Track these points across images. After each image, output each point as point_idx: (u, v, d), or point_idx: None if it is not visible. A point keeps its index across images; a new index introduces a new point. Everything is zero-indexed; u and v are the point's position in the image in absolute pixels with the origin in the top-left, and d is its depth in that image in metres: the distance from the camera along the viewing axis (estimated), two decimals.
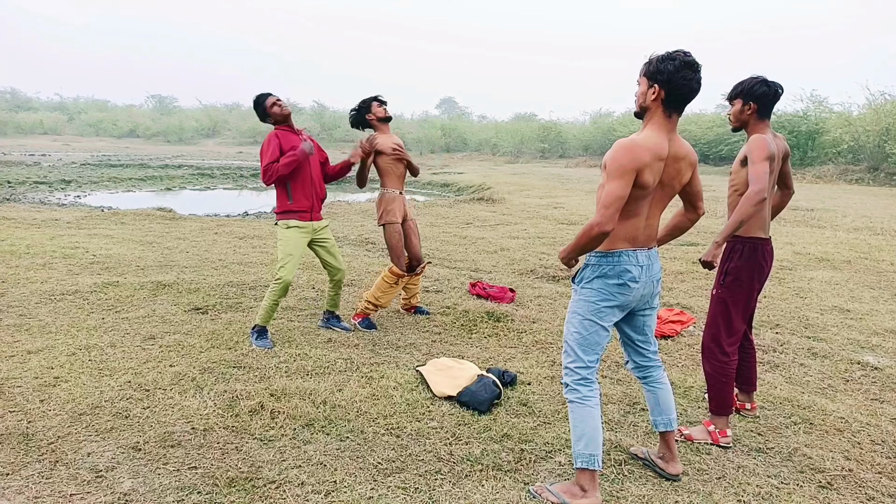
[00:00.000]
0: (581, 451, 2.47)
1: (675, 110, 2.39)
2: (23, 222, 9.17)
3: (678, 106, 2.39)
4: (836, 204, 13.37)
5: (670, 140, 2.40)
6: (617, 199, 2.27)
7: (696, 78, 2.34)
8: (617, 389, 3.69)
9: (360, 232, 9.25)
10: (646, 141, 2.34)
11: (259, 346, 4.11)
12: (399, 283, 4.76)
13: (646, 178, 2.33)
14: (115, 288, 5.44)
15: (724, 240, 2.97)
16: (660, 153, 2.35)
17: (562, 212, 12.16)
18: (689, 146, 2.52)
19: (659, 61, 2.35)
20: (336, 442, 2.95)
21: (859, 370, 4.13)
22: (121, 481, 2.55)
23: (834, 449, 3.04)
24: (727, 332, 3.09)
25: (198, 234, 8.85)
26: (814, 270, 7.12)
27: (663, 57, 2.35)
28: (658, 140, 2.36)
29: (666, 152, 2.37)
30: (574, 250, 2.44)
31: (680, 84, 2.32)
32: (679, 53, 2.34)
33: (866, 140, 20.41)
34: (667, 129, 2.39)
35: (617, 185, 2.27)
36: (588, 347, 2.50)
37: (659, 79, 2.34)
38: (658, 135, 2.37)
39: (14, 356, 3.82)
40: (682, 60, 2.32)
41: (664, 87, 2.34)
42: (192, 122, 55.36)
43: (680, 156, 2.45)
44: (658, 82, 2.35)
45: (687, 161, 2.49)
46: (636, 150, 2.30)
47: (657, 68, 2.35)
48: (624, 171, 2.28)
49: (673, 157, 2.42)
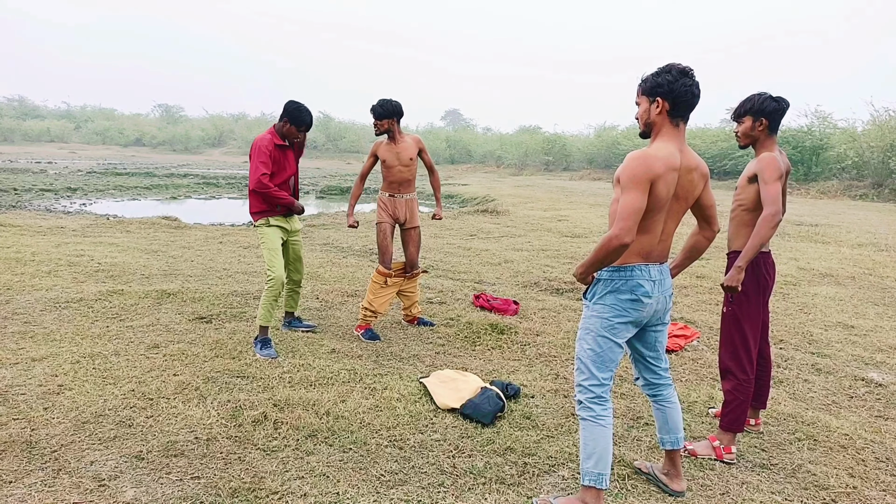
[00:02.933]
0: (590, 469, 2.45)
1: (681, 119, 2.41)
2: (28, 229, 9.22)
3: (683, 114, 2.41)
4: (840, 219, 13.36)
5: (682, 151, 2.40)
6: (635, 210, 2.26)
7: (695, 83, 2.38)
8: (621, 404, 3.68)
9: (364, 243, 9.27)
10: (658, 152, 2.35)
11: (264, 356, 4.12)
12: (388, 283, 4.78)
13: (660, 189, 2.33)
14: (120, 296, 5.46)
15: (747, 263, 2.93)
16: (673, 164, 2.35)
17: (566, 224, 12.16)
18: (700, 158, 2.51)
19: (655, 76, 2.40)
20: (339, 453, 2.95)
21: (863, 387, 4.11)
22: (124, 490, 2.56)
23: (838, 466, 3.02)
24: (744, 349, 3.08)
25: (203, 243, 8.88)
26: (818, 286, 7.10)
27: (658, 71, 2.40)
28: (670, 151, 2.36)
29: (679, 163, 2.37)
30: (592, 265, 2.39)
31: (682, 91, 2.35)
32: (673, 65, 2.38)
33: (871, 156, 20.40)
34: (676, 140, 2.40)
35: (633, 196, 2.26)
36: (602, 364, 2.48)
37: (660, 91, 2.37)
38: (669, 146, 2.38)
39: (18, 363, 3.83)
40: (677, 70, 2.36)
41: (667, 99, 2.37)
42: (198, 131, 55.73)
43: (692, 166, 2.44)
44: (660, 95, 2.38)
45: (699, 172, 2.48)
46: (649, 161, 2.30)
47: (655, 82, 2.39)
48: (639, 181, 2.27)
49: (686, 168, 2.41)
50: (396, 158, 4.72)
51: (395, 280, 4.82)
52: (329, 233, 10.29)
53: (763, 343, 3.28)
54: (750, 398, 3.10)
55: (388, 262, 4.78)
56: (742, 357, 3.08)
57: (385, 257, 4.76)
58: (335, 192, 20.94)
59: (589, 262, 2.40)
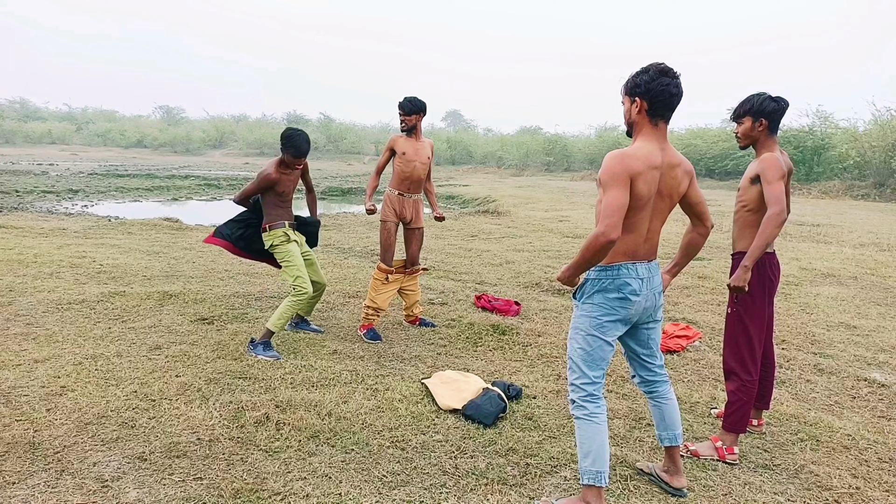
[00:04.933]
0: (588, 468, 2.46)
1: (660, 118, 2.43)
2: (30, 231, 9.23)
3: (663, 114, 2.43)
4: (842, 219, 13.35)
5: (662, 150, 2.43)
6: (618, 206, 2.28)
7: (673, 83, 2.39)
8: (622, 404, 3.68)
9: (366, 244, 9.27)
10: (635, 151, 2.38)
11: (266, 357, 4.12)
12: (389, 280, 4.79)
13: (640, 187, 2.35)
14: (122, 297, 5.47)
15: (753, 263, 2.93)
16: (652, 162, 2.37)
17: (567, 225, 12.17)
18: (682, 156, 2.54)
19: (634, 76, 2.44)
20: (341, 454, 2.95)
21: (866, 387, 4.11)
22: (126, 491, 2.56)
23: (841, 466, 3.02)
24: (749, 350, 3.08)
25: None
26: (820, 286, 7.10)
27: (638, 72, 2.44)
28: (648, 150, 2.39)
29: (659, 161, 2.40)
30: (580, 266, 2.39)
31: (658, 91, 2.37)
32: (652, 65, 2.41)
33: (872, 156, 20.39)
34: (656, 139, 2.42)
35: (615, 193, 2.29)
36: (592, 363, 2.50)
37: (638, 91, 2.41)
38: (648, 145, 2.41)
39: (21, 365, 3.83)
40: (655, 69, 2.39)
41: (645, 98, 2.40)
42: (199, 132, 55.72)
43: (674, 163, 2.47)
44: (638, 95, 2.41)
45: (682, 169, 2.50)
46: (625, 159, 2.34)
47: (634, 83, 2.43)
48: (617, 179, 2.30)
49: (668, 166, 2.44)
50: (416, 154, 4.78)
51: (395, 277, 4.84)
52: (330, 234, 10.29)
53: (767, 344, 3.28)
54: (753, 399, 3.10)
55: (389, 259, 4.80)
56: (746, 358, 3.08)
57: (387, 255, 4.79)
58: (336, 193, 20.96)
59: (576, 264, 2.40)
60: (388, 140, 4.88)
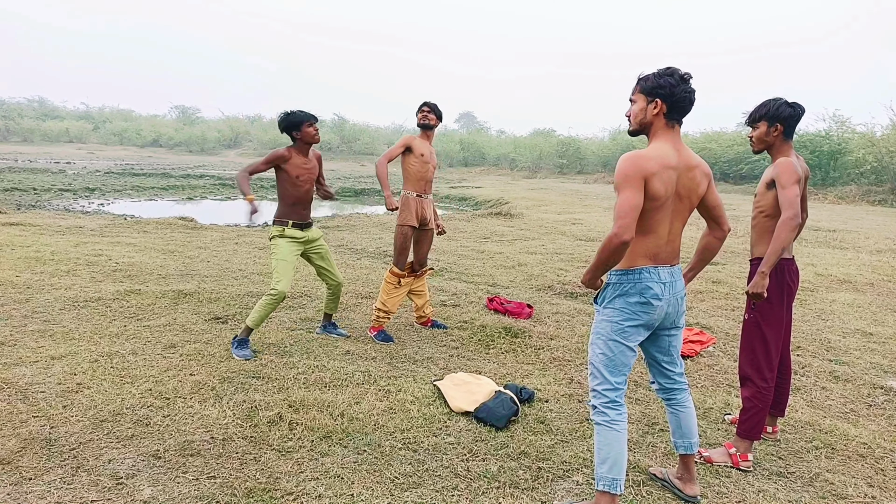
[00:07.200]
0: (604, 475, 2.45)
1: (676, 121, 2.45)
2: (48, 229, 9.34)
3: (679, 117, 2.44)
4: (858, 225, 13.20)
5: (678, 150, 2.42)
6: (631, 207, 2.28)
7: (693, 91, 2.42)
8: (636, 409, 3.66)
9: (379, 244, 9.29)
10: (650, 152, 2.38)
11: (239, 356, 4.11)
12: (402, 283, 4.81)
13: (656, 187, 2.34)
14: (138, 296, 5.52)
15: (770, 268, 2.91)
16: (668, 162, 2.37)
17: (580, 228, 12.13)
18: (700, 157, 2.53)
19: (657, 76, 2.42)
20: (353, 455, 2.96)
21: (882, 395, 4.06)
22: (141, 489, 2.58)
23: (856, 475, 2.99)
24: (765, 356, 3.05)
25: (219, 243, 8.95)
26: (836, 292, 7.03)
27: (661, 73, 2.42)
28: (664, 150, 2.39)
29: (674, 161, 2.39)
30: (598, 268, 2.41)
31: (681, 96, 2.39)
32: (672, 69, 2.42)
33: (890, 161, 20.15)
34: (671, 140, 2.43)
35: (628, 194, 2.29)
36: (615, 369, 2.48)
37: (660, 93, 2.40)
38: (664, 145, 2.41)
39: (38, 361, 3.88)
40: (678, 75, 2.40)
41: (667, 101, 2.40)
42: (214, 132, 56.05)
43: (692, 165, 2.46)
44: (660, 97, 2.40)
45: (700, 170, 2.50)
46: (638, 160, 2.33)
47: (657, 83, 2.41)
48: (630, 179, 2.30)
49: (685, 167, 2.43)
50: (431, 156, 4.86)
51: (407, 280, 4.85)
52: (343, 234, 10.33)
53: (784, 350, 3.25)
54: (769, 406, 3.08)
55: (403, 263, 4.82)
56: (762, 364, 3.05)
57: (401, 258, 4.81)
58: (349, 193, 21.02)
59: (594, 266, 2.42)
60: (403, 137, 4.90)
